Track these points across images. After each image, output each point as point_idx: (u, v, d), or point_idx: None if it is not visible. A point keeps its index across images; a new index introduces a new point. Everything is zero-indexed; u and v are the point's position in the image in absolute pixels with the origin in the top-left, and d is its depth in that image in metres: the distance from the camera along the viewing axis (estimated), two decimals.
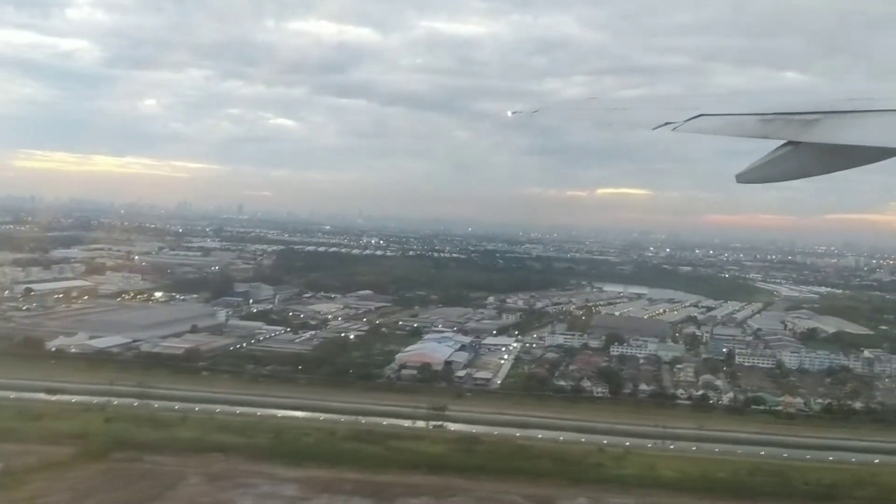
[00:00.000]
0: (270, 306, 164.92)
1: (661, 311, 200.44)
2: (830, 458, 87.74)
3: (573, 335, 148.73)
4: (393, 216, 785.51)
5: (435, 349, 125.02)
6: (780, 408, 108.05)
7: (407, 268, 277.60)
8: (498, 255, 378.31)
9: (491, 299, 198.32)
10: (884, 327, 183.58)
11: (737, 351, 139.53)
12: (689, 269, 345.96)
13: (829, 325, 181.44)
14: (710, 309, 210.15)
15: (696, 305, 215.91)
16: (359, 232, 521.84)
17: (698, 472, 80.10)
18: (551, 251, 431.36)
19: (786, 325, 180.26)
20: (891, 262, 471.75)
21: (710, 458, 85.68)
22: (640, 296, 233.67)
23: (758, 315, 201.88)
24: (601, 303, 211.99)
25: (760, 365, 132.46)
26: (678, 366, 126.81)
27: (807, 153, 8.44)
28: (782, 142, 8.64)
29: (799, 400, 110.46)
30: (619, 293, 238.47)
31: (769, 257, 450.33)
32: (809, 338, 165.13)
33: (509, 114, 19.60)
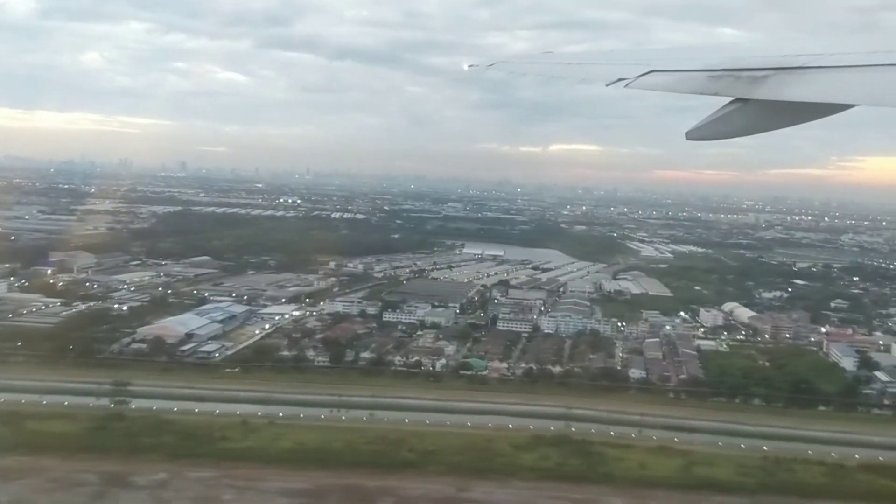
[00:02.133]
0: (79, 276, 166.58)
1: (495, 273, 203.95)
2: (468, 424, 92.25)
3: (357, 302, 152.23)
4: (342, 173, 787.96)
5: (185, 321, 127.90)
6: (485, 373, 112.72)
7: (285, 230, 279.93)
8: (404, 214, 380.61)
9: (332, 264, 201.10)
10: (697, 288, 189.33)
11: (503, 315, 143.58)
12: (584, 228, 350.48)
13: (642, 287, 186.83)
14: (547, 270, 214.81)
15: (537, 267, 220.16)
16: (288, 190, 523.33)
17: (318, 442, 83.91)
18: (466, 210, 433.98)
19: (600, 288, 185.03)
20: (807, 217, 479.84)
21: (346, 428, 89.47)
22: (495, 257, 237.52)
23: (588, 276, 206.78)
24: (443, 265, 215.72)
25: (515, 329, 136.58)
26: (421, 332, 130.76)
27: (755, 110, 8.51)
28: (731, 98, 8.73)
29: (505, 365, 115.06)
30: (476, 255, 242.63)
31: (681, 214, 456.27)
32: (606, 301, 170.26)
33: (466, 67, 20.19)
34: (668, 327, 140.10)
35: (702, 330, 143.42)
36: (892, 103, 7.08)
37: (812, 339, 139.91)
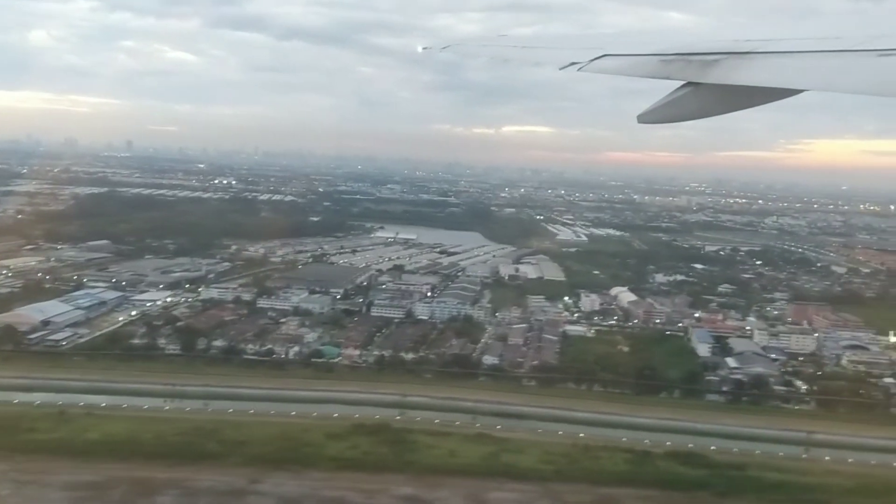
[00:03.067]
0: None
1: (398, 257, 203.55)
2: (293, 413, 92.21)
3: (234, 288, 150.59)
4: (292, 152, 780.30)
5: (46, 308, 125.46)
6: (336, 361, 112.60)
7: (202, 213, 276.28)
8: (336, 196, 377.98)
9: (232, 248, 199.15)
10: (595, 272, 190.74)
11: (381, 301, 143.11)
12: (513, 210, 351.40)
13: (540, 271, 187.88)
14: (453, 254, 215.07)
15: (444, 251, 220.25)
16: (228, 171, 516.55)
17: (128, 433, 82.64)
18: (403, 192, 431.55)
19: (496, 272, 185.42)
20: (741, 200, 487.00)
21: (164, 418, 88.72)
22: (406, 241, 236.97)
23: (491, 260, 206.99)
24: (347, 250, 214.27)
25: (388, 316, 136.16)
26: (286, 319, 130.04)
27: (707, 94, 8.57)
28: (683, 82, 8.75)
29: (359, 353, 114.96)
30: (389, 238, 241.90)
31: (617, 196, 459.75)
32: (499, 286, 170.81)
33: (420, 49, 19.28)
34: (543, 312, 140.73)
35: (577, 315, 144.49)
36: (839, 88, 7.24)
37: (682, 324, 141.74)
